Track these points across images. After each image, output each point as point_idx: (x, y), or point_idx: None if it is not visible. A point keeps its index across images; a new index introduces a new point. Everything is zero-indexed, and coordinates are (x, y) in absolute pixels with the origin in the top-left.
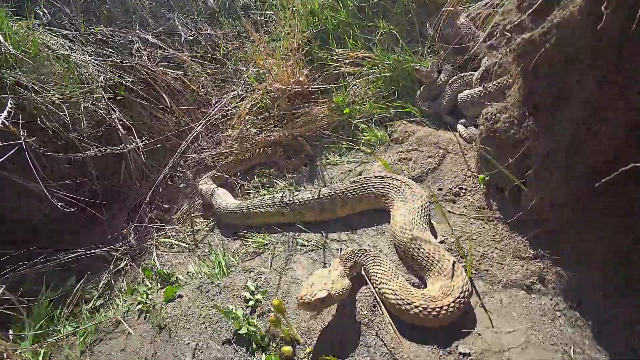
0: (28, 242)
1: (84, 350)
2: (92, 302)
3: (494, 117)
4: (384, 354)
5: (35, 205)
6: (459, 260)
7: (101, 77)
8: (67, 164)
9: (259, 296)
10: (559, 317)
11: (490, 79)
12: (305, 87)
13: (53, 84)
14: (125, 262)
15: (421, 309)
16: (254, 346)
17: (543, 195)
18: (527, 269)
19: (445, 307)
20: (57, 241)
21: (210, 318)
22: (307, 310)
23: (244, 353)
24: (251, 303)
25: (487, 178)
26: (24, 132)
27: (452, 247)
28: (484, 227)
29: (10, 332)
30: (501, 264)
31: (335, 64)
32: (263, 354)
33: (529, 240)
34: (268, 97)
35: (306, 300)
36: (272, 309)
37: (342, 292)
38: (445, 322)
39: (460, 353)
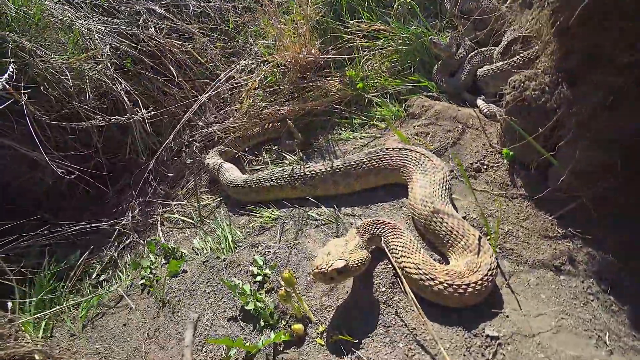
0: (31, 214)
1: (86, 324)
2: (94, 276)
3: (522, 84)
4: (404, 334)
5: (38, 176)
6: None
7: (107, 48)
8: (71, 135)
9: (267, 271)
10: (592, 300)
11: (515, 53)
12: (318, 58)
13: (56, 50)
14: (130, 238)
15: (446, 285)
16: (262, 323)
17: (575, 169)
18: (555, 249)
19: (473, 285)
20: (61, 216)
21: (215, 294)
22: (322, 282)
23: (251, 330)
24: (259, 278)
25: (511, 153)
26: (25, 96)
27: (475, 225)
28: (507, 205)
29: (10, 303)
30: (527, 243)
31: (349, 36)
32: (272, 332)
33: (557, 219)
34: (278, 70)
35: (322, 269)
36: (281, 283)
37: (360, 263)
38: (472, 301)
39: (488, 336)
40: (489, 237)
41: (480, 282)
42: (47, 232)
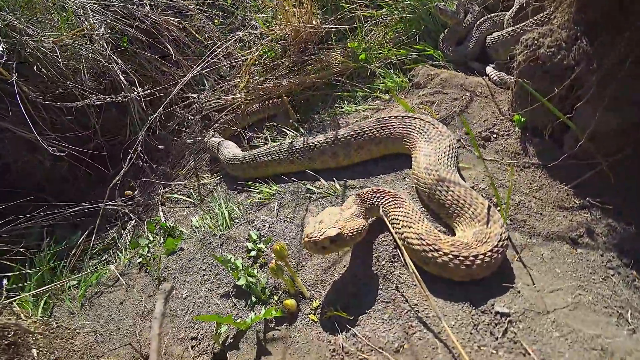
0: (33, 197)
1: (84, 302)
2: (94, 255)
3: (535, 42)
4: (405, 310)
5: (37, 159)
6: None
7: (102, 27)
8: (68, 116)
9: (261, 245)
10: (612, 275)
11: (527, 17)
12: (319, 29)
13: (49, 29)
14: (132, 219)
15: (451, 256)
16: (254, 299)
17: (594, 132)
18: (571, 220)
19: (481, 256)
20: (63, 199)
21: (210, 271)
22: (314, 252)
23: (243, 307)
24: (253, 253)
25: (523, 119)
26: (15, 73)
27: (484, 195)
28: (519, 174)
29: (5, 282)
30: (541, 214)
31: (350, 6)
32: (263, 308)
33: (574, 188)
34: (278, 44)
35: (313, 238)
36: (273, 257)
37: (355, 232)
38: (479, 274)
39: (497, 312)
40: (499, 208)
41: (489, 253)
42: (46, 214)
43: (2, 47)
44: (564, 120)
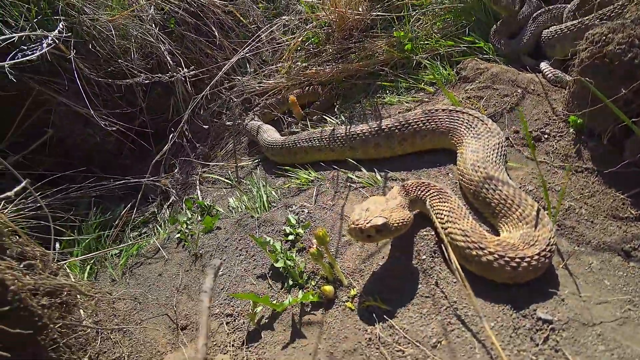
0: (84, 168)
1: (125, 271)
2: (135, 228)
3: (604, 38)
4: (444, 307)
5: (88, 132)
6: None
7: (152, 9)
8: (117, 94)
9: (300, 230)
10: None
11: (591, 11)
12: (365, 16)
13: (104, 9)
14: (172, 197)
15: (496, 256)
16: (291, 282)
17: None
18: (625, 232)
19: (528, 259)
20: (109, 172)
21: (246, 251)
22: (358, 239)
23: (279, 289)
24: (291, 237)
25: (579, 120)
26: (74, 50)
27: (532, 197)
28: (569, 179)
29: (57, 245)
30: (592, 222)
31: None
32: (300, 292)
33: (632, 198)
34: (322, 30)
35: (359, 225)
36: (313, 242)
37: (402, 223)
38: (524, 278)
39: (539, 318)
40: (547, 212)
41: (536, 256)
42: (94, 185)
43: (62, 24)
44: (628, 124)
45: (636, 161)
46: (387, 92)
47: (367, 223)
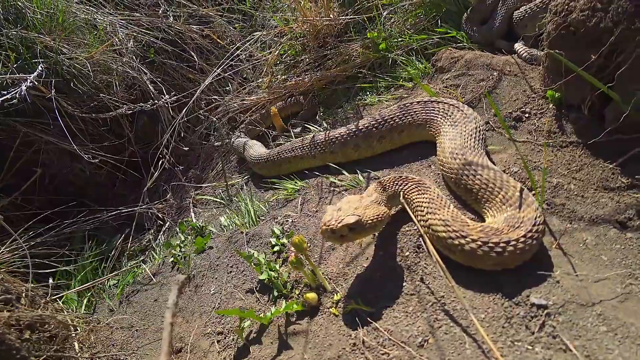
0: (75, 202)
1: (122, 300)
2: (132, 256)
3: (566, 7)
4: (430, 303)
5: (78, 167)
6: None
7: (130, 42)
8: (104, 127)
9: (284, 240)
10: None
11: None
12: (336, 21)
13: (82, 48)
14: (167, 222)
15: (480, 243)
16: (276, 293)
17: None
18: (618, 202)
19: (513, 243)
20: (103, 204)
21: (237, 267)
22: (331, 241)
23: (266, 302)
24: (276, 248)
25: (557, 94)
26: (53, 90)
27: (516, 179)
28: (555, 155)
29: (51, 280)
30: (582, 196)
31: None
32: (284, 302)
33: (620, 166)
34: (297, 42)
35: (330, 226)
36: (292, 250)
37: (376, 219)
38: (512, 262)
39: (533, 304)
40: (533, 191)
41: (522, 239)
42: (87, 219)
43: (42, 67)
44: (604, 90)
45: (619, 128)
46: (367, 93)
47: (338, 223)
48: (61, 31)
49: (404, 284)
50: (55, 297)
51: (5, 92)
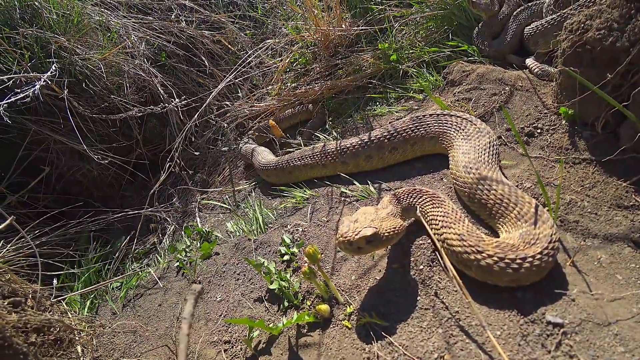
0: (82, 202)
1: (126, 303)
2: (132, 258)
3: (582, 26)
4: (445, 318)
5: (86, 168)
6: None
7: (142, 44)
8: (113, 128)
9: (294, 249)
10: None
11: (569, 2)
12: (348, 31)
13: (95, 48)
14: (171, 225)
15: (496, 259)
16: (286, 304)
17: None
18: (632, 220)
19: (530, 259)
20: (110, 205)
21: (244, 275)
22: (348, 252)
23: (275, 311)
24: (286, 257)
25: (570, 111)
26: (66, 89)
27: (530, 194)
28: (568, 171)
29: (55, 281)
30: (596, 214)
31: (379, 7)
32: (295, 313)
33: (634, 184)
34: (308, 51)
35: (347, 238)
36: (305, 261)
37: (393, 232)
38: (528, 279)
39: (549, 322)
40: (547, 208)
41: (538, 255)
42: (93, 219)
43: (55, 66)
44: (620, 109)
45: (634, 146)
46: (377, 103)
47: (355, 235)
48: (75, 32)
49: (418, 298)
50: (58, 298)
51: (19, 91)
